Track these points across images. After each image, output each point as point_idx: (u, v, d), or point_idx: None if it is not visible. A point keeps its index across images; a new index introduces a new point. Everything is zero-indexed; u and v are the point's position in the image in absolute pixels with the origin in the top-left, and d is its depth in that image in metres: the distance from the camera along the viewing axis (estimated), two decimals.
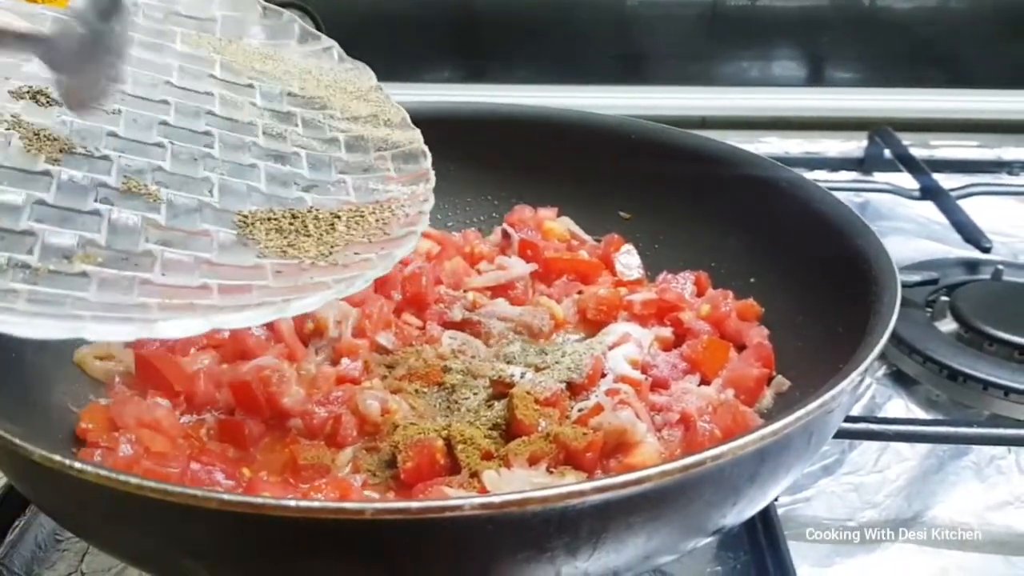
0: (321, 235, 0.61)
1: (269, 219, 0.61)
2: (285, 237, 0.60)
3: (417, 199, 0.66)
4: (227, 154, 0.65)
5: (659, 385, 0.75)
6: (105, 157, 0.60)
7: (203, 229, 0.58)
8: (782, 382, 0.75)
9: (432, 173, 0.69)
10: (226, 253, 0.57)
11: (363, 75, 0.76)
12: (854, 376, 0.54)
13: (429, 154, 0.70)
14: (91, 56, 0.55)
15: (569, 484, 0.45)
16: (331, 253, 0.59)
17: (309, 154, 0.68)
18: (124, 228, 0.56)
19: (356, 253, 0.59)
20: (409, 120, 0.74)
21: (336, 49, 0.78)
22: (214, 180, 0.62)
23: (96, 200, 0.57)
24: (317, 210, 0.63)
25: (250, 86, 0.71)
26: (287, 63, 0.74)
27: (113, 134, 0.62)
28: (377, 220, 0.63)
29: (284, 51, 0.76)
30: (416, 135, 0.72)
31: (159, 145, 0.63)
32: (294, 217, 0.62)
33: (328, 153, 0.69)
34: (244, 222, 0.60)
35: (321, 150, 0.69)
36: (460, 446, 0.64)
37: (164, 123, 0.65)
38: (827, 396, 0.52)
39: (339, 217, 0.63)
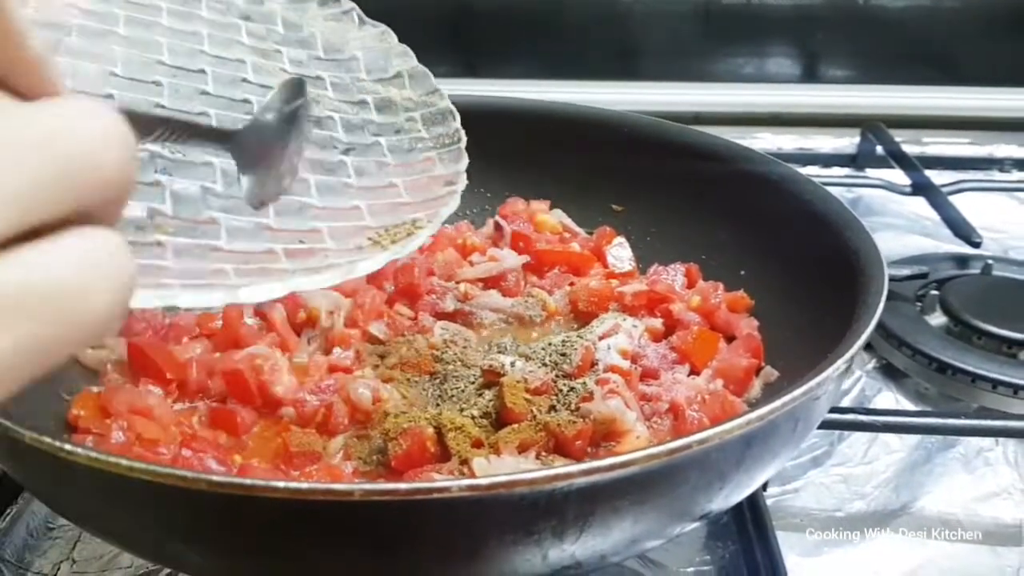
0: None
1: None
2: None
3: (452, 158, 0.67)
4: None
5: (649, 375, 0.75)
6: None
7: None
8: (771, 372, 0.75)
9: (463, 132, 0.70)
10: (283, 218, 0.58)
11: (386, 38, 0.77)
12: (839, 364, 0.55)
13: (458, 114, 0.71)
14: (276, 152, 0.52)
15: (556, 467, 0.46)
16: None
17: (342, 117, 0.68)
18: (186, 197, 0.56)
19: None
20: (432, 79, 0.74)
21: (356, 11, 0.77)
22: None
23: (156, 171, 0.57)
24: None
25: (278, 51, 0.72)
26: (310, 26, 0.75)
27: (160, 106, 0.62)
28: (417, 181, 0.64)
29: (305, 15, 0.76)
30: (443, 94, 0.73)
31: (204, 115, 0.63)
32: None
33: (360, 115, 0.69)
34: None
35: (352, 113, 0.69)
36: (451, 434, 0.64)
37: (205, 93, 0.65)
38: (812, 383, 0.53)
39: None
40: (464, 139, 0.69)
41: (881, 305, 0.62)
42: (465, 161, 0.67)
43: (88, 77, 0.61)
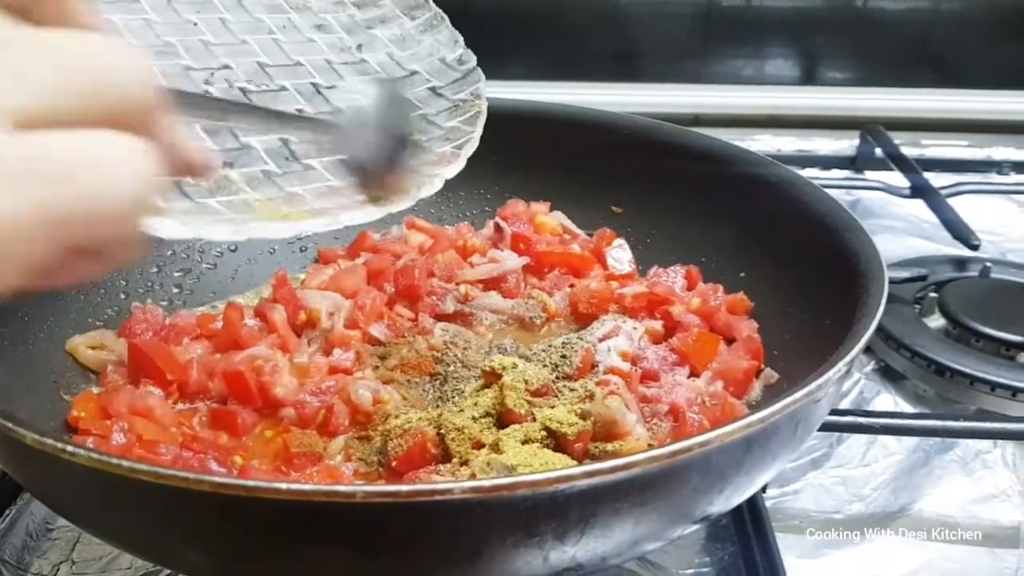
0: None
1: None
2: None
3: (467, 82, 0.73)
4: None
5: (649, 377, 0.75)
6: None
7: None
8: (771, 374, 0.75)
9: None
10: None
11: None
12: (840, 366, 0.55)
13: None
14: (383, 147, 0.55)
15: (558, 469, 0.46)
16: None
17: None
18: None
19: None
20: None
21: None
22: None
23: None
24: None
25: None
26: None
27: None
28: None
29: None
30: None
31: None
32: None
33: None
34: None
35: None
36: (451, 434, 0.64)
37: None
38: (813, 385, 0.53)
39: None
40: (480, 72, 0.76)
41: (881, 308, 0.62)
42: (484, 81, 0.75)
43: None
